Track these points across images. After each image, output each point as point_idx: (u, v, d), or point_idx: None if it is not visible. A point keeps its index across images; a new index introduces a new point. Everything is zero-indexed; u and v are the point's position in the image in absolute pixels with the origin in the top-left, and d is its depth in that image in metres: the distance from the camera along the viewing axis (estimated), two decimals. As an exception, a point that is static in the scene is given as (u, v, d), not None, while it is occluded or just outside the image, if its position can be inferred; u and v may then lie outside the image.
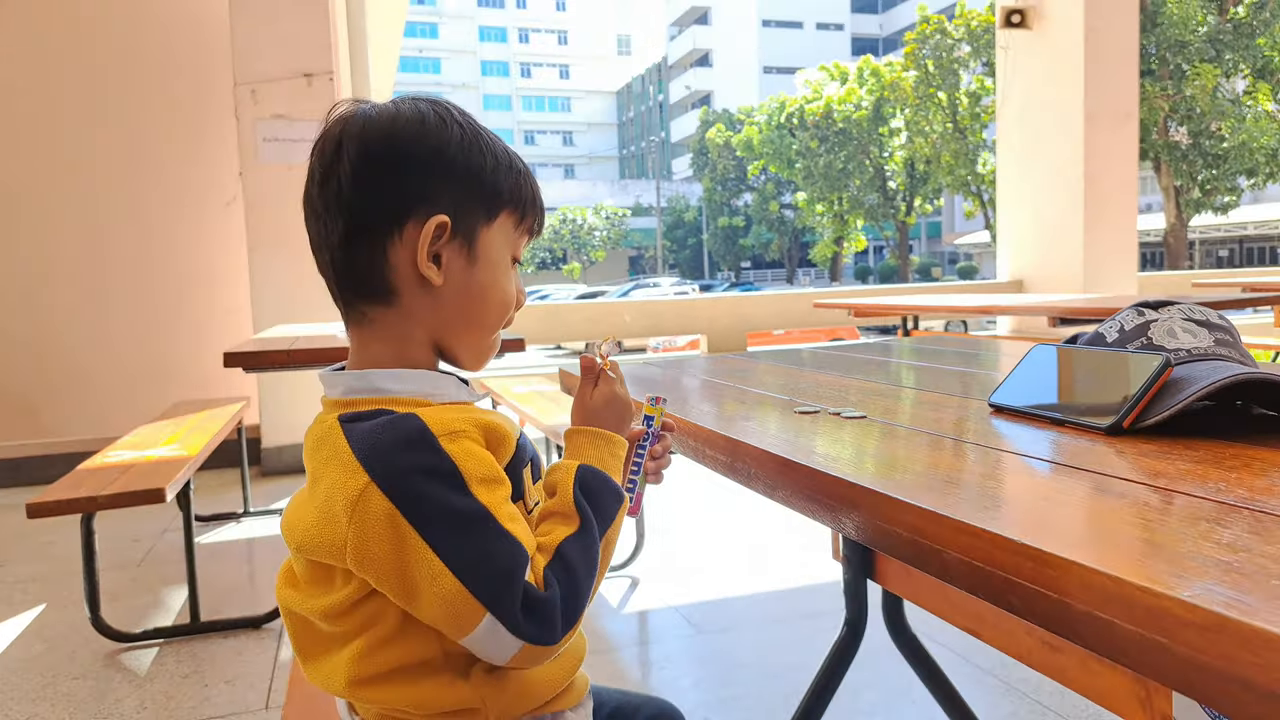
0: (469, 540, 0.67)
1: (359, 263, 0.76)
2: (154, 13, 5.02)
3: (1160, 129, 20.39)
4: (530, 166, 0.84)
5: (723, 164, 44.09)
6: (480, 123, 0.80)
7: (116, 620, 2.59)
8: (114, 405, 4.87)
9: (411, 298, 0.76)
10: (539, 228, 0.84)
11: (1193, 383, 0.80)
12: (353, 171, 0.74)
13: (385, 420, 0.70)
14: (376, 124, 0.76)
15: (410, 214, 0.74)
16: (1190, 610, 0.43)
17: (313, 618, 0.75)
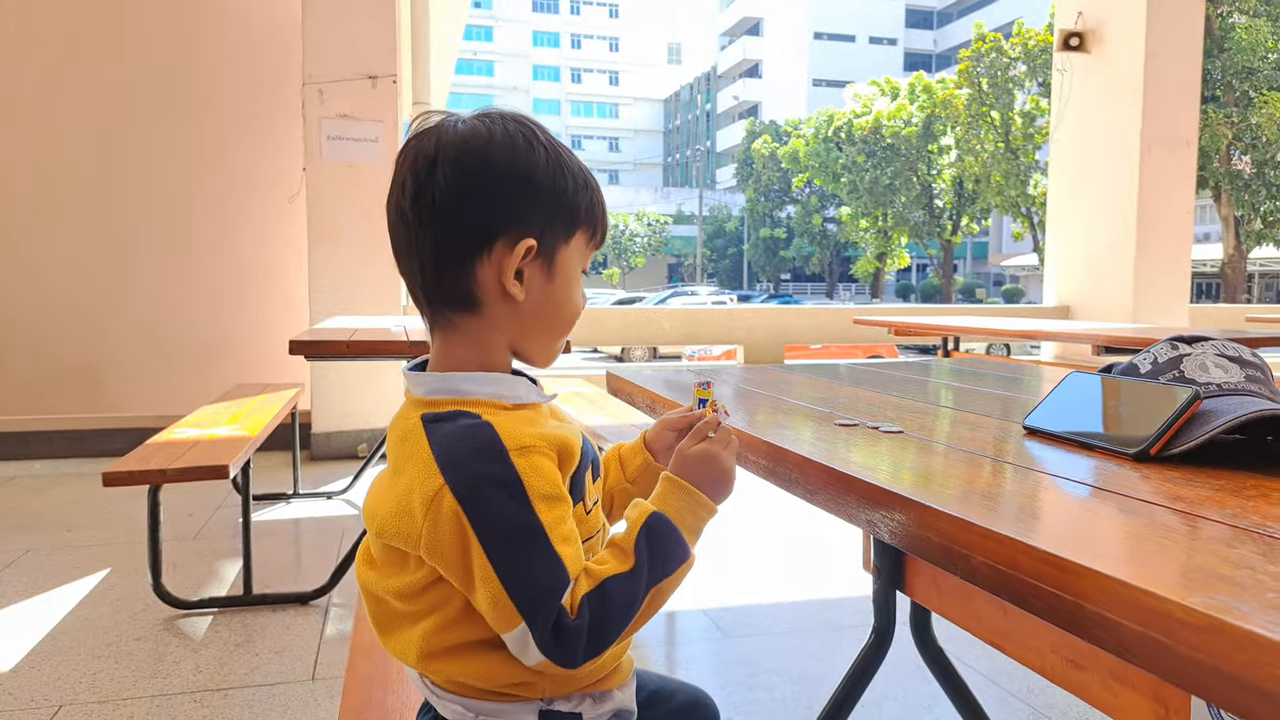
0: (520, 552, 0.73)
1: (447, 275, 0.81)
2: (228, 13, 5.22)
3: (1222, 157, 19.98)
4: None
5: (767, 175, 44.00)
6: (557, 139, 0.85)
7: (174, 588, 2.72)
8: (172, 384, 5.06)
9: (494, 308, 0.82)
10: (603, 241, 0.90)
11: (1220, 415, 0.85)
12: (447, 189, 0.79)
13: (464, 426, 0.77)
14: (471, 145, 0.79)
15: (500, 234, 0.80)
16: (1189, 614, 0.49)
17: (388, 596, 0.82)
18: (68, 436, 4.81)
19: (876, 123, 32.95)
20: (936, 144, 31.80)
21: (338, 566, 2.78)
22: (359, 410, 4.74)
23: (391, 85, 4.63)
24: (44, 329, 5.00)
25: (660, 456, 0.99)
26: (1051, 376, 1.65)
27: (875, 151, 33.15)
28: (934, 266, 36.80)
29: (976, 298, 42.12)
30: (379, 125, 4.60)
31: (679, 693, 1.03)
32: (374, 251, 4.69)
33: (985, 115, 26.40)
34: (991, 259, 48.59)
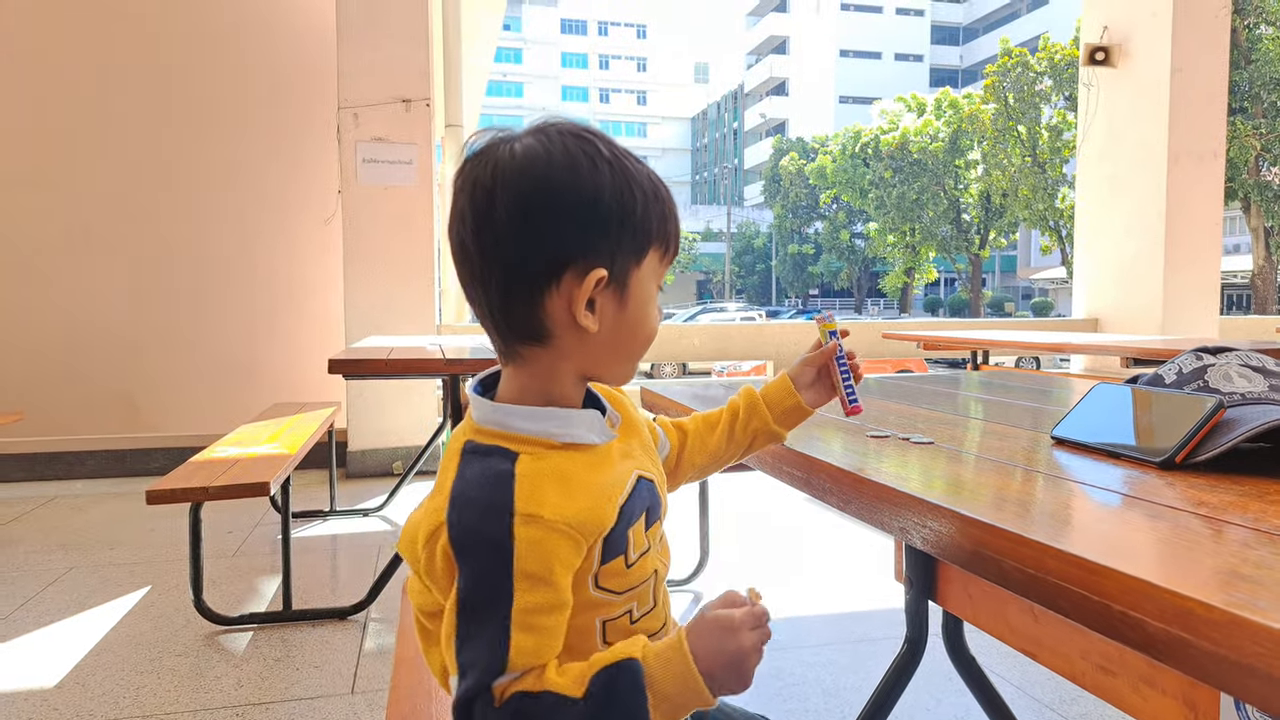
0: (477, 615, 0.70)
1: (515, 309, 0.76)
2: (263, 35, 5.36)
3: (1251, 168, 19.71)
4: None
5: (795, 192, 44.00)
6: (622, 148, 0.79)
7: (214, 604, 2.78)
8: (209, 404, 5.17)
9: (565, 339, 0.77)
10: (677, 251, 0.85)
11: (1244, 424, 0.87)
12: (508, 221, 0.74)
13: (489, 472, 0.73)
14: (530, 171, 0.74)
15: (568, 266, 0.75)
16: (1211, 611, 0.52)
17: (417, 612, 0.81)
18: (107, 456, 4.93)
19: (903, 138, 32.89)
20: (963, 159, 31.66)
21: (375, 582, 2.83)
22: (394, 428, 4.82)
23: (425, 108, 4.73)
24: (82, 351, 5.14)
25: (804, 394, 1.00)
26: (1080, 388, 1.66)
27: (902, 167, 33.07)
28: (962, 281, 36.52)
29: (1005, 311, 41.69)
30: (413, 148, 4.70)
31: (735, 715, 0.98)
32: (408, 272, 4.78)
33: (1012, 129, 26.26)
34: (1020, 273, 48.13)
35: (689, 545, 3.19)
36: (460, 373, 2.65)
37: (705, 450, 1.00)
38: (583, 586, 0.76)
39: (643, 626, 0.82)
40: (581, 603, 0.76)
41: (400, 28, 4.70)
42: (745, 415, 1.00)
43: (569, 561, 0.72)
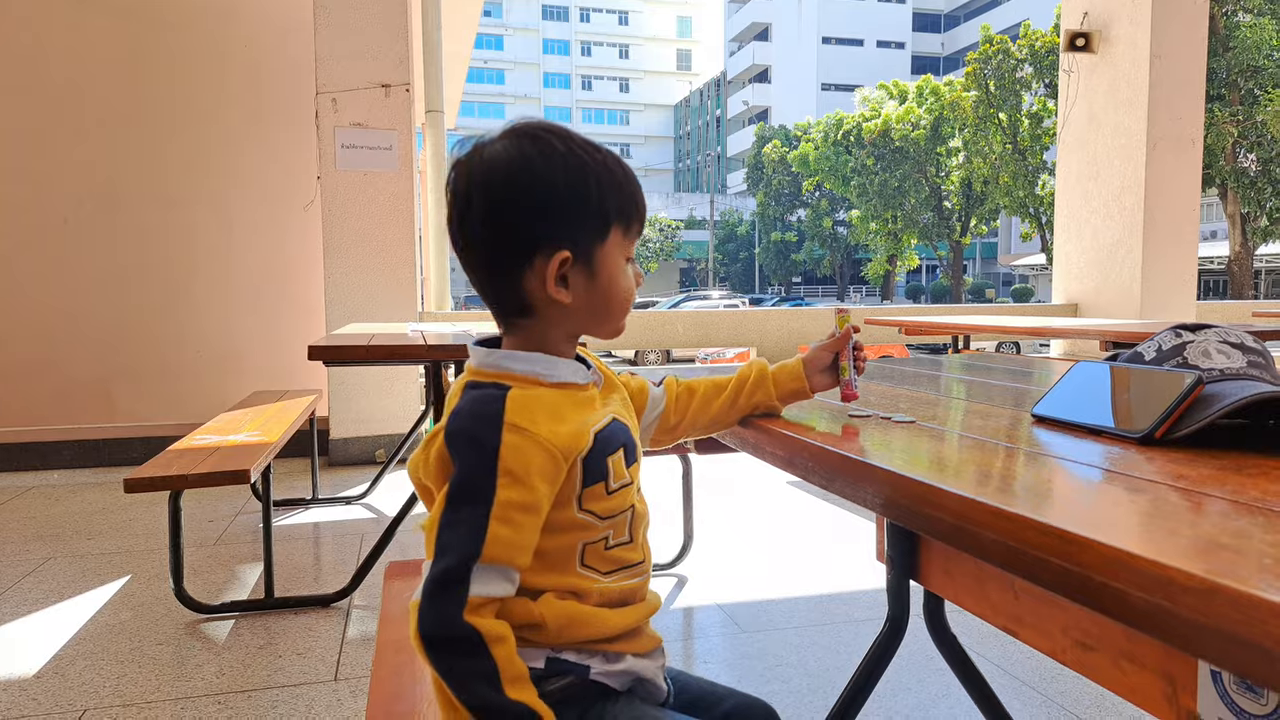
0: (463, 504, 0.82)
1: (500, 289, 0.91)
2: (241, 21, 5.29)
3: (1228, 155, 19.90)
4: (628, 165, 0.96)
5: (778, 179, 44.02)
6: (581, 141, 0.91)
7: (195, 593, 2.77)
8: (188, 393, 5.12)
9: (546, 311, 0.91)
10: (642, 225, 0.96)
11: (1222, 399, 0.87)
12: (482, 217, 0.88)
13: (485, 393, 0.87)
14: (495, 173, 0.88)
15: (536, 250, 0.88)
16: (1191, 579, 0.52)
17: (423, 529, 0.89)
18: (85, 446, 4.88)
19: (885, 126, 32.94)
20: (945, 146, 31.77)
21: (358, 569, 2.82)
22: (376, 416, 4.79)
23: (405, 94, 4.69)
24: (59, 340, 5.07)
25: (814, 379, 1.12)
26: (1059, 368, 1.67)
27: (884, 154, 33.14)
28: (944, 268, 36.72)
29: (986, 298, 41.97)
30: (392, 134, 4.65)
31: (729, 698, 1.05)
32: (390, 259, 4.74)
33: (993, 117, 26.36)
34: (1001, 259, 48.45)
35: (673, 530, 3.20)
36: (442, 359, 2.64)
37: (708, 412, 1.12)
38: (568, 506, 0.88)
39: (618, 555, 0.92)
40: (566, 522, 0.88)
41: (378, 12, 4.65)
42: (752, 387, 1.11)
43: (546, 472, 0.84)
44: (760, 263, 49.69)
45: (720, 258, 53.89)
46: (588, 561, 0.90)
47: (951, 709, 2.04)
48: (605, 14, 74.08)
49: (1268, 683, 0.49)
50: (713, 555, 3.20)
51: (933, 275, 49.79)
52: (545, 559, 0.87)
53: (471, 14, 7.48)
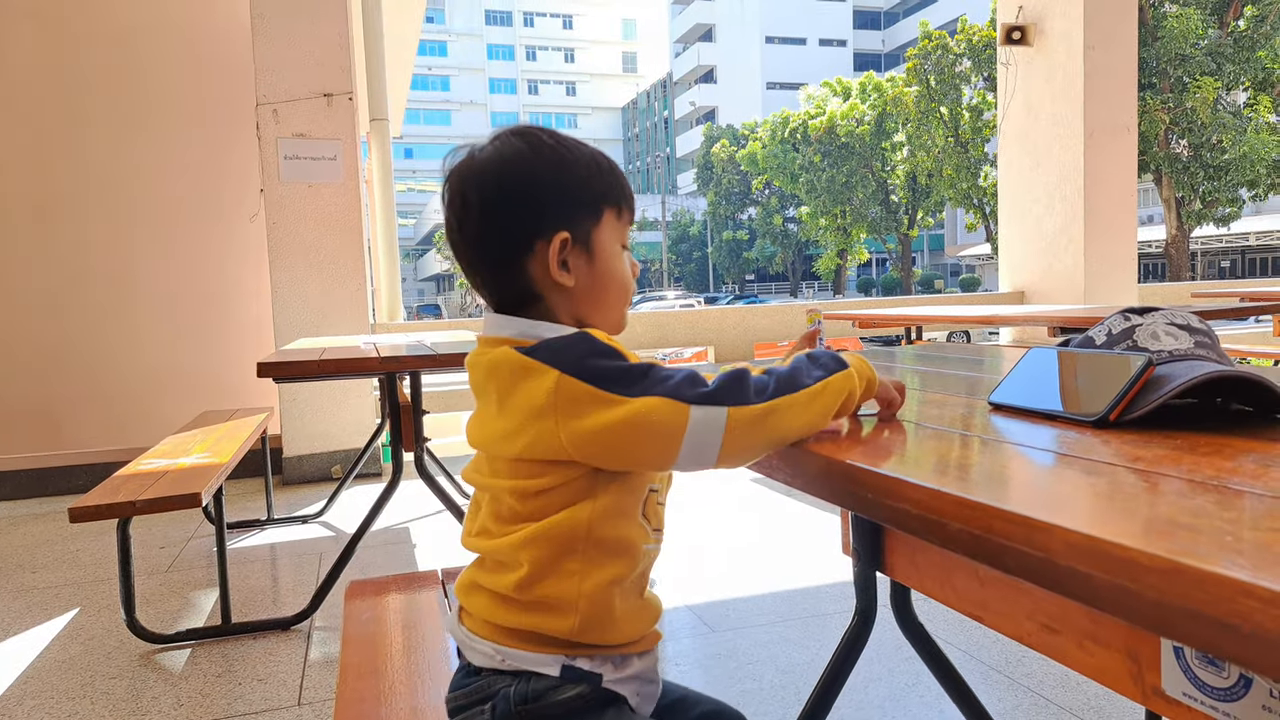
0: (650, 376, 0.84)
1: (507, 281, 0.94)
2: (181, 31, 5.17)
3: (1161, 141, 20.50)
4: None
5: (727, 178, 44.29)
6: (565, 135, 0.97)
7: (149, 622, 2.69)
8: (134, 416, 4.98)
9: (552, 297, 0.94)
10: (633, 214, 1.01)
11: (1173, 380, 0.89)
12: (480, 215, 0.92)
13: (558, 337, 0.88)
14: (489, 171, 0.92)
15: (537, 236, 0.92)
16: (1153, 559, 0.52)
17: (505, 494, 0.91)
18: (27, 476, 4.71)
19: (831, 123, 33.34)
20: (889, 141, 32.24)
21: (318, 589, 2.75)
22: (331, 431, 4.70)
23: (348, 103, 4.61)
24: (-1, 367, 4.90)
25: None
26: (1012, 356, 1.69)
27: (831, 151, 33.53)
28: (893, 260, 37.26)
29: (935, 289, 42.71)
30: (336, 144, 4.57)
31: (703, 703, 1.09)
32: (339, 271, 4.66)
33: (934, 111, 26.83)
34: (948, 250, 49.34)
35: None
36: (396, 370, 2.60)
37: None
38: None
39: (661, 514, 0.98)
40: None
41: (319, 21, 4.57)
42: None
43: None
44: (713, 262, 49.94)
45: (674, 258, 54.06)
46: (646, 513, 0.94)
47: (922, 696, 2.06)
48: (549, 18, 73.90)
49: (1231, 657, 0.49)
50: (680, 556, 3.20)
51: (883, 268, 50.51)
52: (624, 497, 0.91)
53: (414, 20, 7.40)
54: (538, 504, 0.89)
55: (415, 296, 54.73)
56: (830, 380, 0.89)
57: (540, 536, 0.89)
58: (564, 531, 0.89)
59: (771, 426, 0.86)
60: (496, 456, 0.91)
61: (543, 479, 0.88)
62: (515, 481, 0.89)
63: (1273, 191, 20.63)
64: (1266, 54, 19.84)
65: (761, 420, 0.85)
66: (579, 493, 0.89)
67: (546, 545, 0.89)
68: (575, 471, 0.88)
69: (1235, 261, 35.39)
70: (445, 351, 2.56)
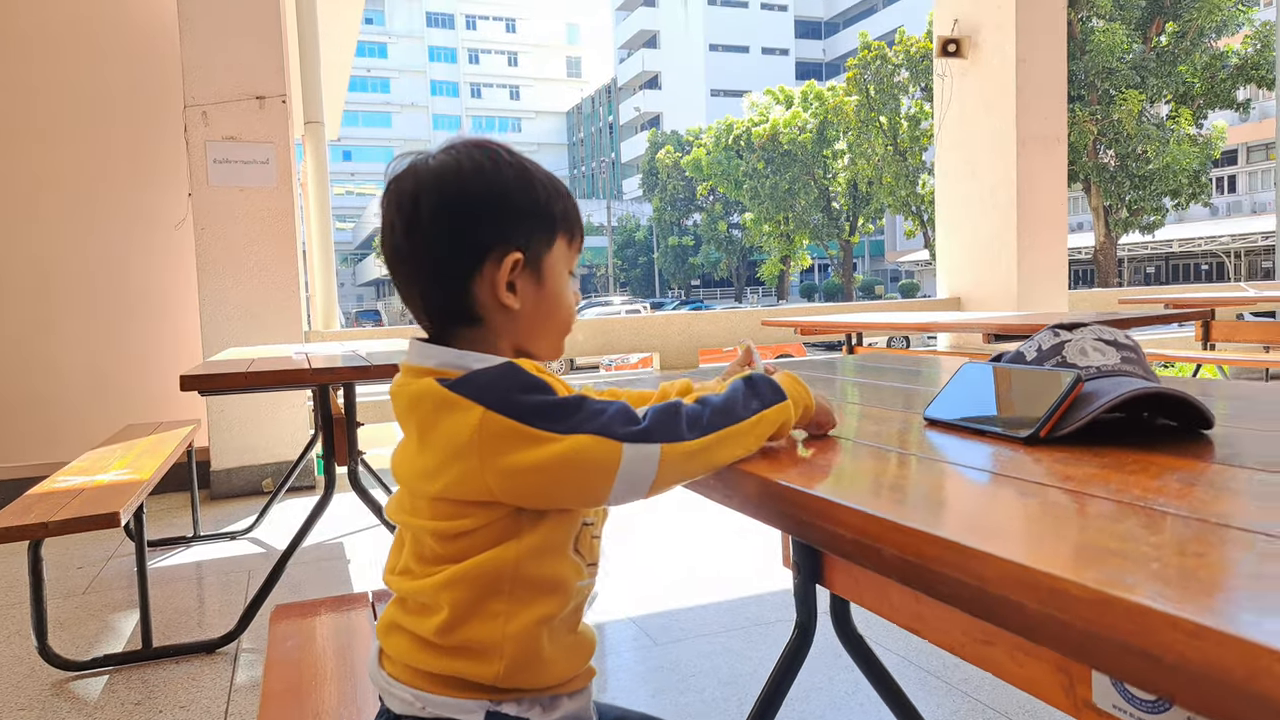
0: (581, 411, 0.80)
1: (449, 297, 0.88)
2: (101, 30, 4.97)
3: (1089, 151, 21.21)
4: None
5: (672, 184, 44.49)
6: (522, 154, 0.93)
7: (64, 649, 2.56)
8: (61, 430, 4.77)
9: (494, 319, 0.89)
10: (582, 241, 0.97)
11: (1101, 396, 0.89)
12: (433, 222, 0.86)
13: (483, 369, 0.83)
14: (446, 177, 0.87)
15: (488, 252, 0.87)
16: (1083, 590, 0.51)
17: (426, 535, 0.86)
18: (-61, 492, 4.47)
19: (773, 130, 33.74)
20: (830, 149, 32.75)
21: (246, 609, 2.66)
22: (261, 444, 4.56)
23: (281, 105, 4.49)
24: (-94, 378, 4.65)
25: None
26: (949, 366, 1.71)
27: (774, 158, 33.92)
28: (835, 266, 37.84)
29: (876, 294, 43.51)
30: (269, 146, 4.44)
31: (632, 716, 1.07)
32: (271, 278, 4.52)
33: (874, 120, 27.35)
34: (888, 256, 50.32)
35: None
36: (329, 382, 2.52)
37: None
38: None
39: (595, 546, 0.95)
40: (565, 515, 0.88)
41: (249, 20, 4.43)
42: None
43: None
44: (659, 267, 50.10)
45: (620, 263, 54.09)
46: (579, 547, 0.90)
47: (862, 704, 2.06)
48: (492, 21, 73.38)
49: (1158, 689, 0.48)
50: (621, 567, 3.17)
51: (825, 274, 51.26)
52: (553, 533, 0.86)
53: (351, 21, 7.26)
54: (460, 545, 0.85)
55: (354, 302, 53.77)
56: (766, 412, 0.88)
57: (462, 578, 0.84)
58: (488, 572, 0.84)
59: (704, 461, 0.84)
60: (417, 494, 0.87)
61: (464, 520, 0.84)
62: (436, 523, 0.85)
63: (1194, 200, 21.50)
64: (1187, 69, 20.68)
65: (695, 456, 0.83)
66: (504, 532, 0.84)
67: (469, 587, 0.84)
68: (499, 511, 0.84)
69: (1160, 267, 36.80)
70: (380, 363, 2.50)
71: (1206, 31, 20.61)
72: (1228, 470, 0.77)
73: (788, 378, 0.95)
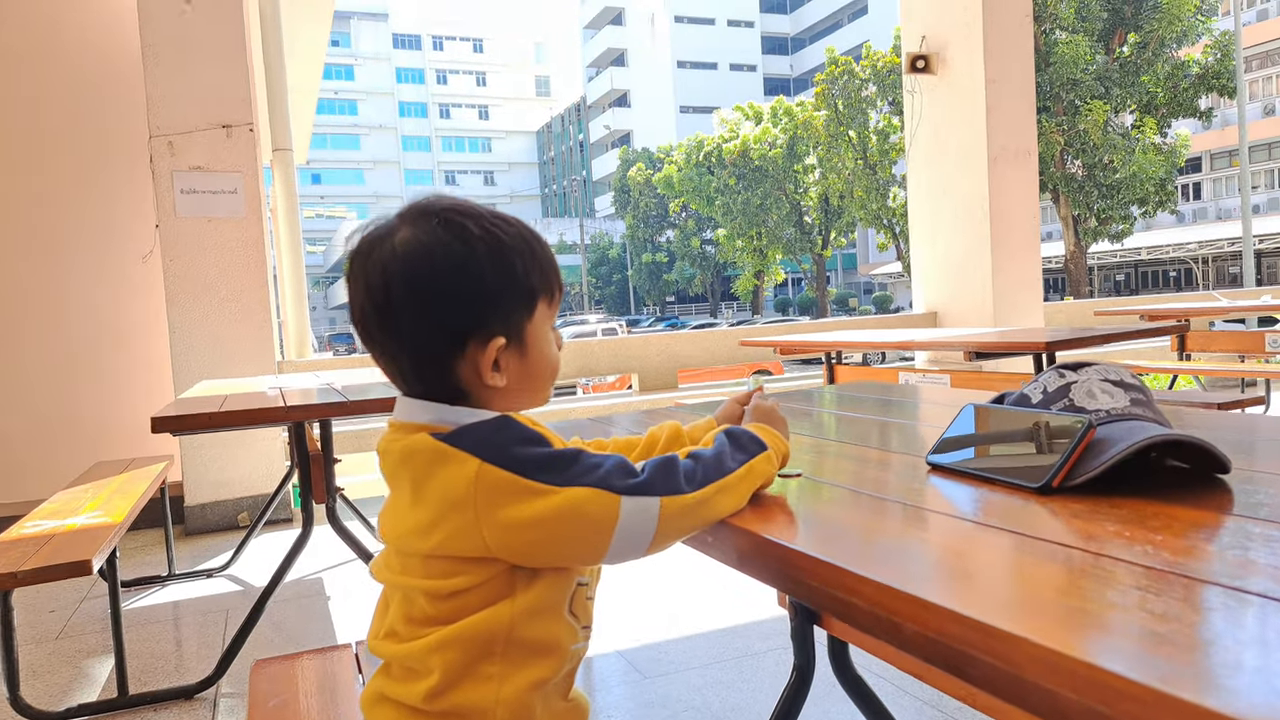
0: (577, 464, 0.79)
1: (428, 380, 0.86)
2: (66, 60, 4.89)
3: (1057, 162, 21.54)
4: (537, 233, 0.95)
5: (644, 201, 44.64)
6: (491, 217, 0.88)
7: (37, 699, 2.47)
8: (30, 466, 4.65)
9: (479, 394, 0.87)
10: (562, 291, 0.95)
11: (1114, 443, 0.87)
12: (409, 314, 0.83)
13: (478, 422, 0.82)
14: (415, 266, 0.83)
15: (469, 340, 0.85)
16: (1128, 685, 0.48)
17: (418, 594, 0.83)
18: (-100, 536, 4.32)
19: (744, 146, 33.96)
20: (801, 164, 33.01)
21: (225, 653, 2.58)
22: (237, 477, 4.46)
23: (248, 133, 4.42)
24: None
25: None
26: (938, 399, 1.69)
27: (745, 174, 34.13)
28: (808, 280, 38.06)
29: (850, 307, 43.82)
30: (237, 176, 4.37)
31: None
32: (242, 308, 4.44)
33: (843, 134, 27.62)
34: (861, 269, 50.73)
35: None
36: (304, 419, 2.46)
37: None
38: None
39: (589, 608, 0.92)
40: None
41: (214, 48, 4.37)
42: (664, 447, 1.04)
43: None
44: (634, 284, 50.16)
45: (594, 280, 54.11)
46: (574, 608, 0.88)
47: (858, 740, 2.02)
48: (459, 41, 73.44)
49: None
50: (609, 599, 3.12)
51: (799, 288, 51.57)
52: (548, 593, 0.84)
53: (317, 45, 7.20)
54: (453, 605, 0.81)
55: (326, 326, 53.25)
56: (753, 463, 0.88)
57: (454, 640, 0.81)
58: (481, 633, 0.81)
59: (702, 514, 0.84)
60: (408, 552, 0.83)
61: (458, 578, 0.81)
62: (428, 581, 0.82)
63: (1161, 208, 21.89)
64: (1149, 78, 21.09)
65: (694, 509, 0.82)
66: (498, 591, 0.81)
67: (461, 649, 0.81)
68: (494, 569, 0.81)
69: (1129, 275, 37.39)
70: (356, 398, 2.44)
71: (1167, 42, 21.05)
72: (1256, 525, 0.74)
73: (760, 429, 0.94)
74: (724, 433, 0.91)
